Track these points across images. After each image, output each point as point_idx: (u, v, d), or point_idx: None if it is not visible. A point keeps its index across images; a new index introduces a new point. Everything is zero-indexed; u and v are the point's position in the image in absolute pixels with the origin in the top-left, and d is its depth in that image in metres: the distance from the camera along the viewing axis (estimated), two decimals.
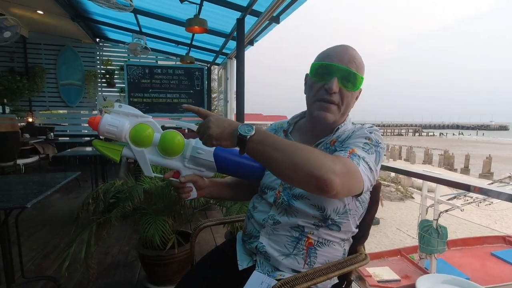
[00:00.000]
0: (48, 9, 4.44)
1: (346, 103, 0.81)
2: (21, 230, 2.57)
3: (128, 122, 0.73)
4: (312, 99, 0.83)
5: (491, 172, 19.45)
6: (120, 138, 0.73)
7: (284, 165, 0.63)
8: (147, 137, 0.75)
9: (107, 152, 0.75)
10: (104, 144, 0.75)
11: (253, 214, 0.91)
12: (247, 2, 3.40)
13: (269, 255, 0.83)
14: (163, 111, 6.78)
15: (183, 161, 0.80)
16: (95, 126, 0.72)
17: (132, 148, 0.75)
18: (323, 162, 0.62)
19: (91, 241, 1.51)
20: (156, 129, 0.77)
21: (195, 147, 0.80)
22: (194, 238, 1.12)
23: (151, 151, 0.77)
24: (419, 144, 40.45)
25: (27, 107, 5.91)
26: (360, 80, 0.80)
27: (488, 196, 1.16)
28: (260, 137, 0.65)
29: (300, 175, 0.62)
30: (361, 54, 0.82)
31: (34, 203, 1.18)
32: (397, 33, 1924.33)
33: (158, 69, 6.65)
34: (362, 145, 0.75)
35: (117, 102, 0.76)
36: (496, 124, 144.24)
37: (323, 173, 0.60)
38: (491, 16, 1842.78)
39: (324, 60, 0.80)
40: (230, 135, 0.66)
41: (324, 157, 0.64)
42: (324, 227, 0.81)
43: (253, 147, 0.65)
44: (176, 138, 0.78)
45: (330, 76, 0.78)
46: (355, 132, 0.82)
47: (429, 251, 4.70)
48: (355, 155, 0.71)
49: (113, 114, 0.73)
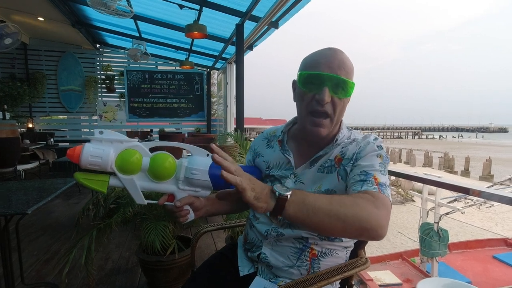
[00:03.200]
0: (49, 16, 4.48)
1: (339, 111, 0.78)
2: (22, 236, 2.57)
3: (112, 150, 0.67)
4: (304, 112, 0.79)
5: (491, 175, 19.44)
6: (105, 168, 0.67)
7: (331, 226, 0.59)
8: (135, 164, 0.69)
9: (92, 185, 0.68)
10: (88, 176, 0.68)
11: (254, 224, 0.89)
12: (246, 7, 3.43)
13: (272, 265, 0.82)
14: (163, 115, 6.80)
15: (177, 183, 0.75)
16: (76, 159, 0.65)
17: (119, 177, 0.69)
18: (369, 212, 0.60)
19: (91, 246, 1.51)
20: (144, 153, 0.72)
21: (188, 168, 0.73)
22: (195, 243, 1.12)
23: (141, 177, 0.72)
24: (419, 146, 40.46)
25: (27, 113, 5.93)
26: (351, 86, 0.76)
27: (489, 199, 1.16)
28: (300, 198, 0.59)
29: (350, 231, 0.60)
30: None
31: (34, 209, 1.18)
32: (398, 36, 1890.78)
33: (158, 74, 6.69)
34: (379, 167, 0.73)
35: (97, 129, 0.69)
36: (496, 126, 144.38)
37: (374, 225, 0.59)
38: (491, 19, 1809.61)
39: (312, 68, 0.76)
40: (267, 195, 0.59)
41: (368, 206, 0.62)
42: (328, 237, 0.81)
43: (295, 209, 0.58)
44: (167, 160, 0.72)
45: (321, 86, 0.74)
46: (362, 149, 0.78)
47: (430, 254, 4.68)
48: (382, 185, 0.70)
49: (95, 142, 0.67)
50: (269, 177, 0.88)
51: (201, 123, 7.06)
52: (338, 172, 0.79)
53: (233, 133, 3.10)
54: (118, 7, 2.95)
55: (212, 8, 3.58)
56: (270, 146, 0.94)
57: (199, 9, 3.58)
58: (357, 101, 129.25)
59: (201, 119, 7.04)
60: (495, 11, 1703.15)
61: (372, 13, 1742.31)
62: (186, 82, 6.85)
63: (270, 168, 0.89)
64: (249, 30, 3.92)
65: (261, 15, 3.47)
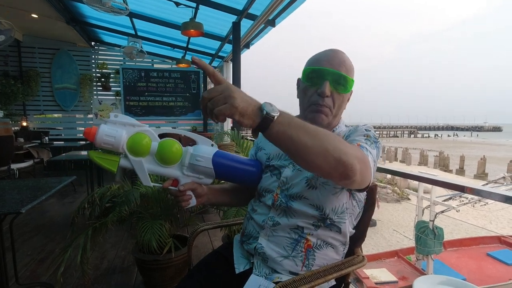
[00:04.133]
0: (42, 12, 4.42)
1: (338, 105, 0.83)
2: (16, 236, 2.54)
3: (125, 132, 0.72)
4: (307, 104, 0.85)
5: (486, 173, 19.65)
6: (117, 148, 0.71)
7: (313, 151, 0.58)
8: (145, 147, 0.74)
9: (104, 163, 0.73)
10: (101, 155, 0.73)
11: (252, 215, 0.91)
12: (243, 5, 3.41)
13: (268, 256, 0.83)
14: (159, 114, 6.76)
15: (182, 169, 0.79)
16: (91, 137, 0.69)
17: (130, 158, 0.73)
18: (348, 147, 0.62)
19: (87, 246, 1.50)
20: (154, 138, 0.76)
21: (193, 155, 0.78)
22: (191, 242, 1.11)
23: (149, 161, 0.76)
24: (414, 145, 40.74)
25: (21, 111, 5.86)
26: (350, 82, 0.82)
27: (483, 197, 1.17)
28: (286, 119, 0.58)
29: (329, 160, 0.59)
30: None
31: (28, 208, 1.16)
32: (395, 35, 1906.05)
33: (154, 72, 6.64)
34: (364, 140, 0.77)
35: (113, 112, 0.74)
36: (490, 125, 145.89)
37: (350, 158, 0.59)
38: (486, 19, 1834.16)
39: (315, 64, 0.83)
40: (254, 112, 0.57)
41: (347, 144, 0.64)
42: (323, 227, 0.82)
43: (278, 130, 0.57)
44: (174, 146, 0.77)
45: (322, 80, 0.80)
46: (352, 132, 0.84)
47: (425, 252, 4.72)
48: (362, 147, 0.73)
49: (110, 124, 0.71)
50: (269, 167, 0.91)
51: (198, 121, 7.04)
52: None
53: (229, 132, 3.10)
54: (114, 4, 2.92)
55: (209, 6, 3.57)
56: None
57: (195, 6, 3.56)
58: (355, 99, 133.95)
59: (198, 117, 7.01)
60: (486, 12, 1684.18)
61: (368, 13, 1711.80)
62: (182, 80, 6.81)
63: (270, 159, 0.92)
64: (246, 28, 3.91)
65: (258, 13, 3.46)
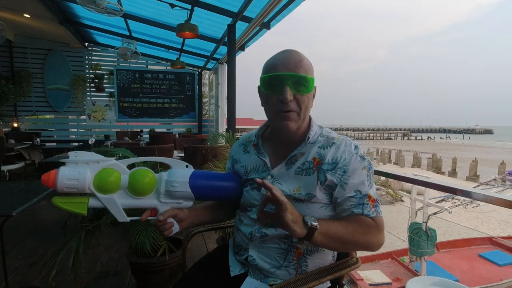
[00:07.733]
0: (35, 12, 4.37)
1: (305, 107, 0.80)
2: (6, 239, 2.49)
3: (89, 171, 0.66)
4: (272, 112, 0.81)
5: (477, 175, 19.94)
6: (83, 190, 0.66)
7: (344, 248, 0.81)
8: (113, 183, 0.69)
9: (72, 208, 0.67)
10: (66, 200, 0.67)
11: (239, 227, 0.90)
12: (238, 8, 3.42)
13: (260, 267, 0.83)
14: (153, 115, 6.73)
15: (158, 197, 0.74)
16: (51, 184, 0.64)
17: (99, 197, 0.68)
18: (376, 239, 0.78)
19: (79, 249, 1.48)
20: (122, 171, 0.71)
21: (168, 181, 0.74)
22: (186, 244, 1.11)
23: (121, 195, 0.71)
24: (408, 147, 41.17)
25: (12, 112, 5.78)
26: (311, 81, 0.78)
27: (475, 199, 1.19)
28: (324, 229, 0.71)
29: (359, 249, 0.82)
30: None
31: (19, 211, 1.15)
32: (388, 39, 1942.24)
33: (149, 73, 6.61)
34: (368, 183, 0.81)
35: (72, 151, 0.68)
36: (482, 128, 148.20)
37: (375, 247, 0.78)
38: (479, 23, 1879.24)
39: (272, 71, 0.78)
40: (302, 223, 0.70)
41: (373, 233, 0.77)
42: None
43: (318, 239, 0.71)
44: (146, 175, 0.72)
45: (281, 86, 0.76)
46: (348, 162, 0.80)
47: (419, 253, 4.75)
48: (376, 205, 0.80)
49: (70, 165, 0.66)
50: (248, 181, 0.89)
51: (192, 123, 7.02)
52: (317, 177, 0.79)
53: (224, 134, 3.09)
54: (108, 5, 2.90)
55: (204, 8, 3.57)
56: (246, 151, 0.95)
57: (190, 8, 3.55)
58: (348, 102, 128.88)
59: (192, 119, 6.99)
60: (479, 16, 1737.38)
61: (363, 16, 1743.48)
62: (177, 82, 6.79)
63: (248, 173, 0.90)
64: (241, 30, 3.92)
65: (253, 16, 3.47)
